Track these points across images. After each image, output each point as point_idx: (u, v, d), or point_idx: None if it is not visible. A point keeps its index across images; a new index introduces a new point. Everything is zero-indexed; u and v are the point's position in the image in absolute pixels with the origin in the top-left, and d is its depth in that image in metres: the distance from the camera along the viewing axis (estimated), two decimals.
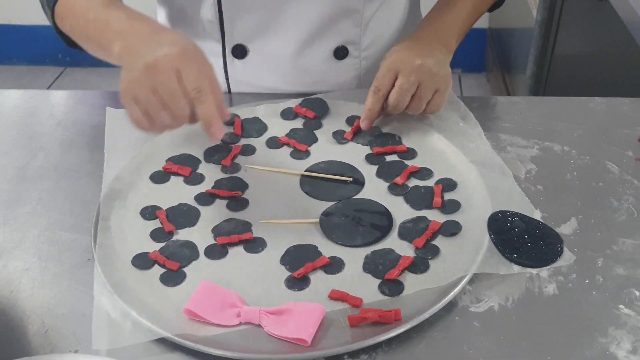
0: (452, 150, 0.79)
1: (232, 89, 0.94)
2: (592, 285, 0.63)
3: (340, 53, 0.91)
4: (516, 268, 0.65)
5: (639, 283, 0.63)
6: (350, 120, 0.85)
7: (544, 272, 0.64)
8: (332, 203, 0.73)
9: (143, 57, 0.63)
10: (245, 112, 0.86)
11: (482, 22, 2.56)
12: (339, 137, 0.83)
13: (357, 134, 0.83)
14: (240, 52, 0.90)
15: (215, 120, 0.64)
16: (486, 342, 0.58)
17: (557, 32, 1.82)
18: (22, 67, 2.78)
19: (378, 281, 0.64)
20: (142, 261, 0.66)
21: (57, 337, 0.60)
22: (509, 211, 0.70)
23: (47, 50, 2.74)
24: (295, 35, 0.88)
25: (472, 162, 0.77)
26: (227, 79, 0.93)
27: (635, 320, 0.60)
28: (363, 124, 0.82)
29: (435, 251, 0.66)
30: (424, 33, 0.85)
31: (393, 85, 0.79)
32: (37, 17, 2.69)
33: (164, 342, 0.58)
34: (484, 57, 2.63)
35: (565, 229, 0.69)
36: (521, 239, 0.67)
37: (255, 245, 0.68)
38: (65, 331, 0.60)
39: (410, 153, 0.80)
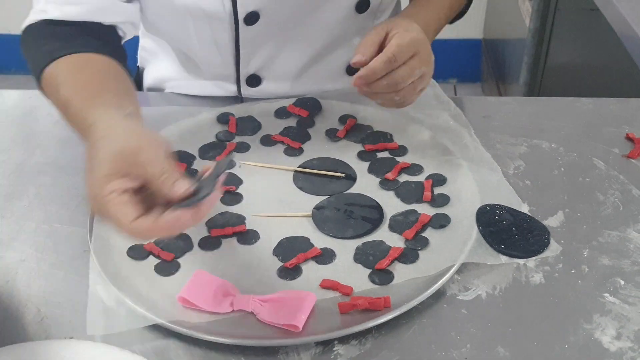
0: (442, 147, 0.80)
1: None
2: (578, 275, 0.64)
3: (353, 70, 0.93)
4: (504, 258, 0.66)
5: (623, 272, 0.64)
6: (343, 119, 0.87)
7: (531, 262, 0.66)
8: (324, 197, 0.74)
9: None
10: (239, 111, 0.88)
11: (477, 33, 2.59)
12: (332, 135, 0.84)
13: (349, 132, 0.85)
14: (255, 80, 0.91)
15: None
16: (473, 328, 0.59)
17: (549, 41, 1.84)
18: (21, 76, 2.80)
19: (368, 271, 0.65)
20: (137, 252, 0.67)
21: (53, 324, 0.61)
22: (497, 204, 0.72)
23: None
24: (308, 52, 0.90)
25: (461, 158, 0.78)
26: (241, 100, 0.94)
27: (619, 307, 0.61)
28: (358, 81, 0.73)
29: (425, 242, 0.68)
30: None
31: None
32: None
33: (157, 328, 0.59)
34: (479, 68, 2.65)
35: (552, 222, 0.71)
36: (509, 231, 0.68)
37: (248, 237, 0.69)
38: (61, 319, 0.61)
39: (402, 150, 0.81)
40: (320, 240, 0.69)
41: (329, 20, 0.87)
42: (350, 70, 0.93)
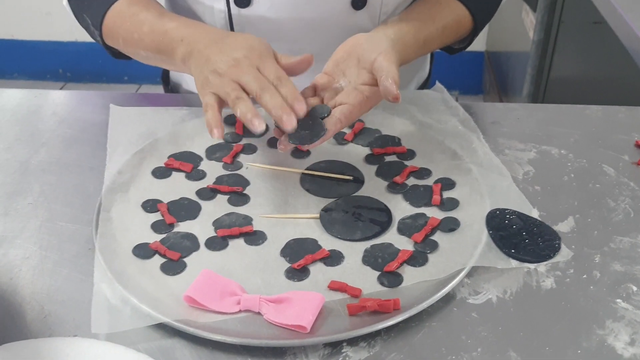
0: (451, 152, 0.80)
1: None
2: (590, 280, 0.64)
3: None
4: (514, 263, 0.65)
5: (636, 279, 0.64)
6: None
7: (542, 267, 0.65)
8: (331, 200, 0.74)
9: (218, 61, 0.70)
10: None
11: (480, 45, 2.59)
12: (340, 138, 0.84)
13: (357, 135, 0.84)
14: None
15: (298, 99, 0.68)
16: (484, 332, 0.58)
17: (553, 53, 1.85)
18: (23, 81, 2.80)
19: (377, 273, 0.64)
20: (142, 251, 0.66)
21: (56, 322, 0.60)
22: (507, 209, 0.71)
23: (48, 66, 2.76)
24: (307, 51, 0.89)
25: (470, 163, 0.77)
26: None
27: (632, 313, 0.60)
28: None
29: (434, 246, 0.67)
30: (398, 47, 0.78)
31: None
32: (40, 33, 2.73)
33: (163, 327, 0.58)
34: (481, 79, 2.66)
35: (562, 227, 0.70)
36: (519, 236, 0.68)
37: (255, 237, 0.68)
38: (65, 317, 0.60)
39: (410, 154, 0.81)
40: (328, 242, 0.68)
41: (325, 14, 0.87)
42: None
